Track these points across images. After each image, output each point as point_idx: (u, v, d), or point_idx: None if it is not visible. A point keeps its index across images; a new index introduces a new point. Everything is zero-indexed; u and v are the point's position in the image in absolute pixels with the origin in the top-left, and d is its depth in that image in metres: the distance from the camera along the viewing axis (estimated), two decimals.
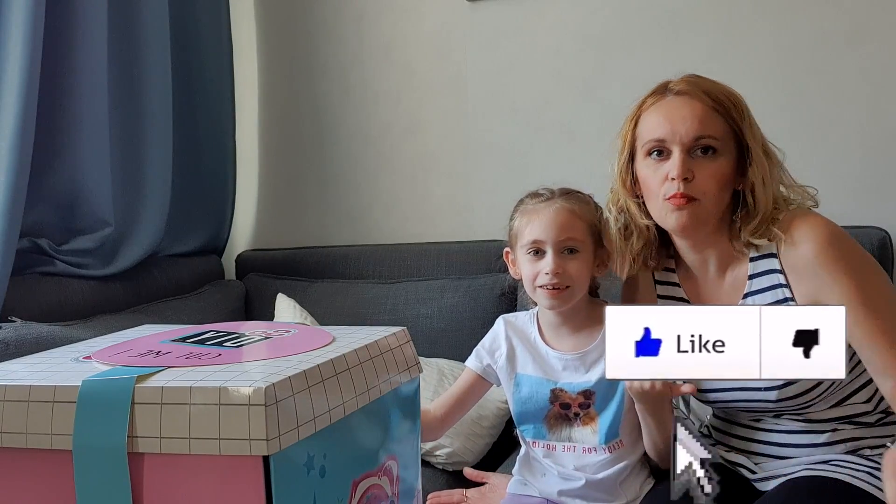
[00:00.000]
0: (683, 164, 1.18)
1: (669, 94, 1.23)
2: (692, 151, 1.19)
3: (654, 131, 1.21)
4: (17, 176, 1.64)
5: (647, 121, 1.23)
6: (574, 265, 1.28)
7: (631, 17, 2.05)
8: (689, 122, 1.18)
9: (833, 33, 1.89)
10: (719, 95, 1.21)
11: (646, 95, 1.26)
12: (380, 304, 2.06)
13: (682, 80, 1.23)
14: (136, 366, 0.82)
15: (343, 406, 0.84)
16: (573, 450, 1.32)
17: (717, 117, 1.20)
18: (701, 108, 1.19)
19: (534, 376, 1.33)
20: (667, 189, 1.20)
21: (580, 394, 1.30)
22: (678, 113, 1.20)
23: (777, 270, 1.21)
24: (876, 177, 1.87)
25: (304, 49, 2.39)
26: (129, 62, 1.98)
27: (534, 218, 1.30)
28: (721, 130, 1.20)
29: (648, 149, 1.22)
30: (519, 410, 1.35)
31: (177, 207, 2.14)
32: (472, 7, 2.20)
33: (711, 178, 1.19)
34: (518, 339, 1.37)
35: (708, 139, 1.19)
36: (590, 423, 1.30)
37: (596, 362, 1.30)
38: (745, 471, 1.30)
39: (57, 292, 1.79)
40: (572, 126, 2.12)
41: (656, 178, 1.21)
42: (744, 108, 1.22)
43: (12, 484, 0.80)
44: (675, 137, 1.19)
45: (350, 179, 2.37)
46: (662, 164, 1.21)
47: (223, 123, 2.35)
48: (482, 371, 1.39)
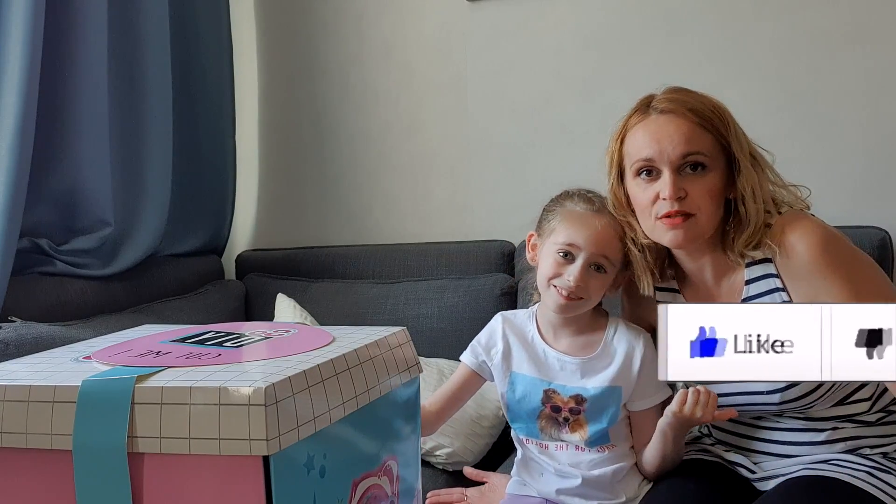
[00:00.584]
0: (675, 183, 1.18)
1: (654, 113, 1.22)
2: (681, 169, 1.19)
3: (641, 151, 1.21)
4: (17, 176, 1.64)
5: (634, 140, 1.23)
6: (596, 283, 1.27)
7: (631, 17, 2.05)
8: (677, 141, 1.18)
9: (833, 33, 1.89)
10: (703, 110, 1.20)
11: (630, 113, 1.26)
12: (380, 304, 2.06)
13: (665, 98, 1.22)
14: (136, 366, 0.82)
15: (343, 406, 0.84)
16: (565, 448, 1.32)
17: (703, 133, 1.19)
18: (687, 125, 1.19)
19: (528, 376, 1.33)
20: (659, 208, 1.20)
21: (572, 398, 1.29)
22: (664, 132, 1.19)
23: (773, 275, 1.21)
24: (876, 177, 1.87)
25: (304, 49, 2.39)
26: (129, 62, 1.98)
27: (577, 224, 1.27)
28: (709, 145, 1.19)
29: (637, 168, 1.22)
30: (512, 409, 1.35)
31: (177, 207, 2.14)
32: (472, 7, 2.20)
33: (705, 193, 1.19)
34: (515, 336, 1.36)
35: (696, 156, 1.19)
36: (578, 429, 1.30)
37: (595, 372, 1.29)
38: (744, 470, 1.31)
39: (57, 292, 1.79)
40: (572, 126, 2.12)
41: (647, 197, 1.21)
42: (728, 119, 1.22)
43: (12, 484, 0.80)
44: (664, 157, 1.19)
45: (350, 179, 2.37)
46: (652, 184, 1.21)
47: (223, 123, 2.35)
48: (477, 367, 1.39)
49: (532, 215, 1.38)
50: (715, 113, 1.21)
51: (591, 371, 1.30)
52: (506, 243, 2.12)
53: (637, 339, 1.30)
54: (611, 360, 1.29)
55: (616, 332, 1.31)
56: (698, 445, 1.38)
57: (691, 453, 1.36)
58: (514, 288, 2.01)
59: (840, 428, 1.25)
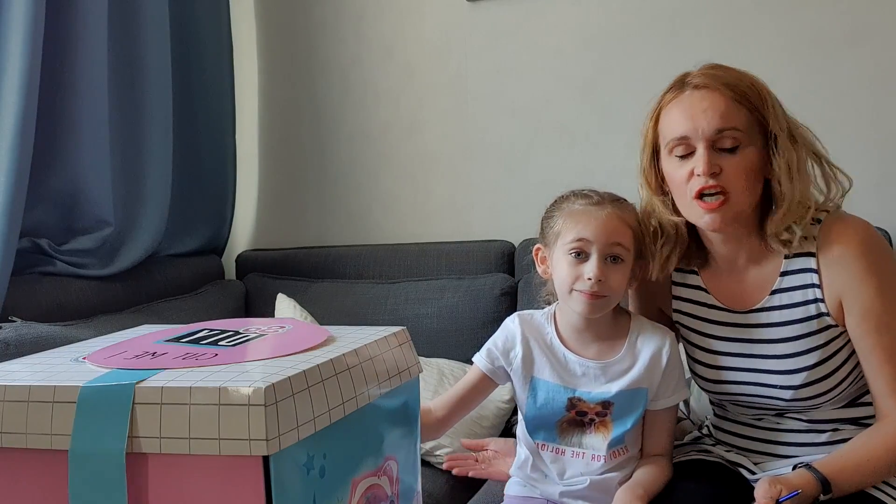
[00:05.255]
0: (709, 159, 1.15)
1: (688, 89, 1.20)
2: (716, 145, 1.17)
3: (676, 129, 1.19)
4: (17, 176, 1.64)
5: (668, 118, 1.21)
6: (616, 275, 1.23)
7: (631, 17, 2.05)
8: (711, 116, 1.16)
9: (833, 33, 1.89)
10: (739, 85, 1.18)
11: (665, 91, 1.23)
12: (380, 304, 2.06)
13: (700, 73, 1.20)
14: (134, 368, 0.82)
15: (343, 406, 0.84)
16: (582, 456, 1.28)
17: (738, 108, 1.17)
18: (722, 100, 1.17)
19: (551, 382, 1.29)
20: (693, 185, 1.17)
21: (598, 403, 1.27)
22: (699, 107, 1.17)
23: (812, 270, 1.20)
24: (876, 177, 1.87)
25: (304, 49, 2.39)
26: (129, 62, 1.98)
27: (582, 219, 1.24)
28: (744, 121, 1.17)
29: (672, 147, 1.20)
30: (532, 415, 1.30)
31: (177, 207, 2.15)
32: (472, 7, 2.20)
33: (740, 170, 1.16)
34: (534, 340, 1.31)
35: (731, 131, 1.16)
36: (603, 430, 1.27)
37: (619, 375, 1.26)
38: (744, 471, 1.30)
39: (57, 292, 1.79)
40: (572, 126, 2.12)
41: (682, 174, 1.19)
42: (766, 94, 1.19)
43: (12, 484, 0.80)
44: (698, 133, 1.16)
45: (350, 179, 2.37)
46: (687, 161, 1.18)
47: (223, 123, 2.35)
48: (491, 371, 1.33)
49: (532, 215, 1.36)
50: (752, 88, 1.18)
51: (614, 374, 1.27)
52: (506, 243, 2.12)
53: (664, 340, 1.26)
54: (634, 362, 1.26)
55: (640, 332, 1.28)
56: (699, 446, 1.38)
57: (692, 454, 1.35)
58: (515, 288, 2.01)
59: (841, 430, 1.25)
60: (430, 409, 1.35)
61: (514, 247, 2.10)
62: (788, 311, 1.22)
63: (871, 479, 1.17)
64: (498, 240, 2.15)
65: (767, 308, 1.24)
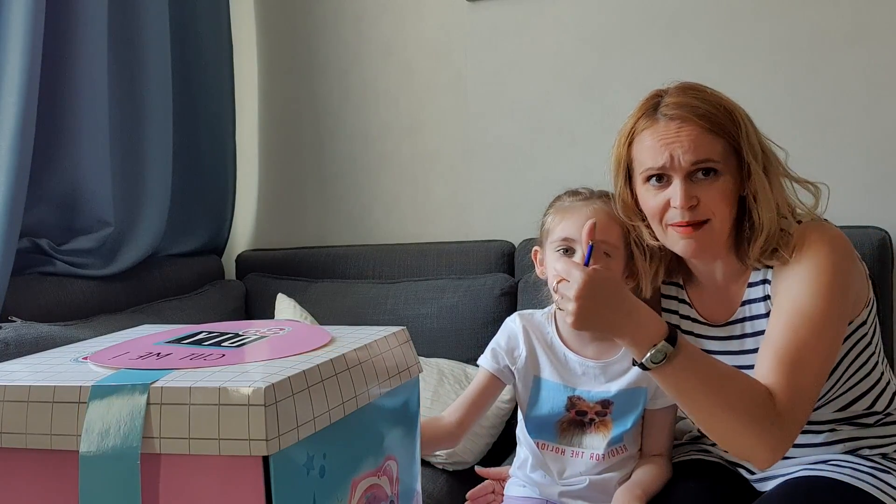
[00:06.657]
0: (686, 192, 1.15)
1: (662, 118, 1.17)
2: (693, 175, 1.16)
3: (651, 159, 1.17)
4: (17, 176, 1.64)
5: (642, 146, 1.19)
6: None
7: (631, 17, 2.05)
8: (686, 148, 1.14)
9: (833, 33, 1.89)
10: (714, 114, 1.16)
11: (638, 113, 1.21)
12: (380, 304, 2.06)
13: (674, 102, 1.18)
14: (143, 369, 0.82)
15: (343, 406, 0.84)
16: (581, 455, 1.29)
17: (714, 139, 1.15)
18: (697, 132, 1.15)
19: (552, 381, 1.29)
20: (671, 216, 1.17)
21: (598, 402, 1.27)
22: (674, 139, 1.15)
23: (767, 280, 1.20)
24: (876, 177, 1.87)
25: (304, 49, 2.39)
26: (129, 62, 1.98)
27: (568, 216, 1.25)
28: (720, 150, 1.16)
29: (647, 176, 1.19)
30: (532, 414, 1.31)
31: (177, 207, 2.15)
32: (472, 7, 2.20)
33: (718, 198, 1.16)
34: (536, 339, 1.32)
35: (707, 163, 1.15)
36: (602, 429, 1.28)
37: (618, 374, 1.27)
38: (744, 471, 1.30)
39: (57, 292, 1.79)
40: (572, 126, 2.12)
41: (658, 203, 1.18)
42: (740, 119, 1.17)
43: (12, 484, 0.80)
44: (674, 165, 1.15)
45: (350, 179, 2.37)
46: (662, 191, 1.18)
47: (223, 123, 2.35)
48: (498, 371, 1.33)
49: (532, 215, 1.37)
50: (727, 115, 1.17)
51: (614, 374, 1.27)
52: (506, 243, 2.12)
53: None
54: None
55: None
56: (699, 446, 1.38)
57: (692, 454, 1.36)
58: (515, 288, 2.01)
59: (838, 430, 1.25)
60: (443, 417, 1.34)
61: (514, 247, 2.10)
62: (758, 322, 1.22)
63: (709, 389, 1.06)
64: (498, 240, 2.15)
65: (739, 320, 1.24)
